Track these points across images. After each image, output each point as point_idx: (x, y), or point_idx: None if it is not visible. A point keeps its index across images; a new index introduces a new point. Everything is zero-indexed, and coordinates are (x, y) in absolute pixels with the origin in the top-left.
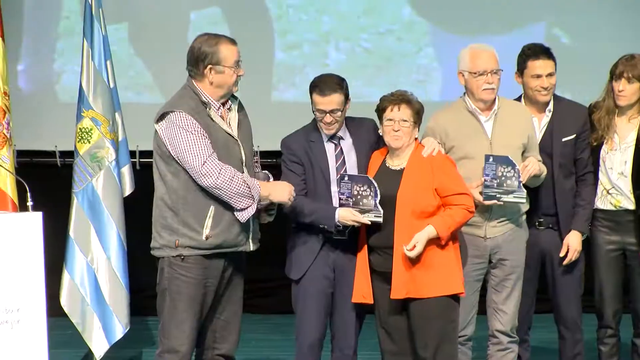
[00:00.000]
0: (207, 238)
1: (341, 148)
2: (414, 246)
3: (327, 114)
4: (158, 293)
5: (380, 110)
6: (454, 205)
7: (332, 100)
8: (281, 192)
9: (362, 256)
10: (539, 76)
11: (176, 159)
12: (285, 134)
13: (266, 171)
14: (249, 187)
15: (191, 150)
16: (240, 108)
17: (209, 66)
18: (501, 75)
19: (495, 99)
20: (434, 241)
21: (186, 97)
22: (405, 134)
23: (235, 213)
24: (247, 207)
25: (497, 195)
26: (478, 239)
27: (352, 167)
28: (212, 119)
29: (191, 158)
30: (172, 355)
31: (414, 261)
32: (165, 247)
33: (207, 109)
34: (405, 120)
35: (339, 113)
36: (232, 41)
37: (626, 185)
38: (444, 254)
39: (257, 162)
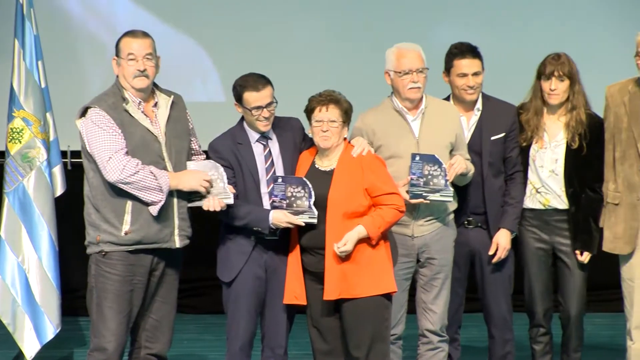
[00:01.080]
0: (126, 234)
1: (270, 149)
2: (344, 244)
3: (264, 109)
4: (87, 291)
5: (309, 111)
6: (384, 205)
7: (267, 94)
8: (189, 180)
9: (294, 257)
10: (464, 75)
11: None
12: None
13: (214, 161)
14: (156, 179)
15: (99, 146)
16: (176, 105)
17: (114, 59)
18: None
19: (422, 98)
20: (365, 241)
21: (109, 94)
22: (334, 134)
23: (149, 207)
24: (158, 201)
25: (424, 194)
26: (406, 238)
27: (280, 168)
28: (130, 114)
29: (99, 154)
30: (99, 353)
31: (345, 261)
32: (91, 243)
33: (126, 104)
34: (334, 121)
35: (274, 105)
36: (136, 35)
37: (557, 183)
38: (376, 253)
39: (200, 159)
